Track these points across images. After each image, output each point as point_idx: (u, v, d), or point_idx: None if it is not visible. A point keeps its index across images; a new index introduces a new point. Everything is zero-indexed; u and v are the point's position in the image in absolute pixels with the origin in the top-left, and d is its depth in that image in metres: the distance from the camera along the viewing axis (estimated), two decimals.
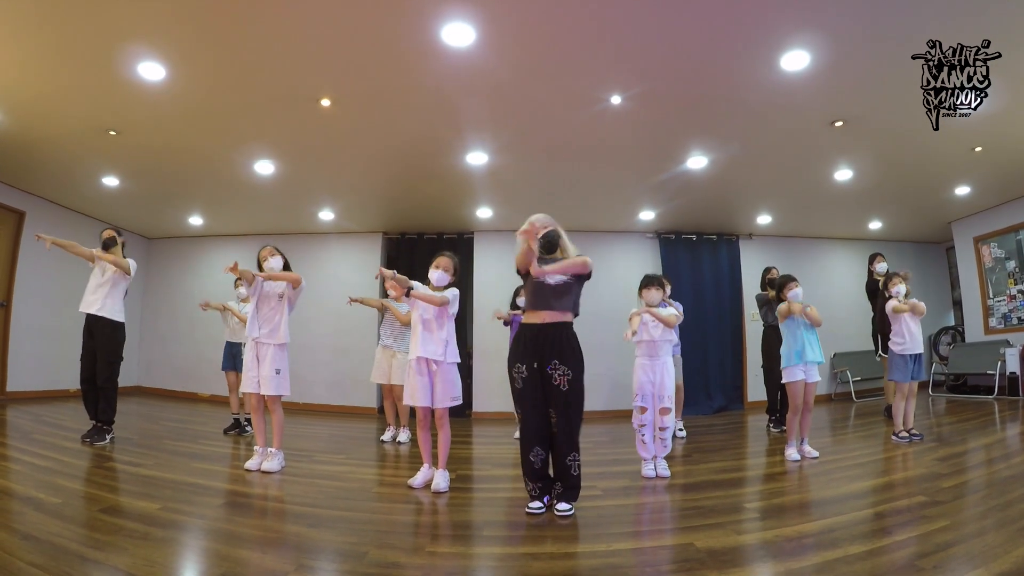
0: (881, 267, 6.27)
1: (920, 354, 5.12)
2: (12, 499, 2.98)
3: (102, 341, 4.84)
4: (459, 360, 3.76)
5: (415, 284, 3.63)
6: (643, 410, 4.08)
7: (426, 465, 3.74)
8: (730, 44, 4.16)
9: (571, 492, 3.11)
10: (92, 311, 4.85)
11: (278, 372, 4.12)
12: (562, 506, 3.02)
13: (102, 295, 4.87)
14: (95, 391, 4.85)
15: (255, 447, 4.17)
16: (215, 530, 2.73)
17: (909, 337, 5.07)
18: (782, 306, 4.66)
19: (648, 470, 3.99)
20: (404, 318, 5.33)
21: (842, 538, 2.51)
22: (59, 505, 2.90)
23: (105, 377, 4.84)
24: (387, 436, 5.70)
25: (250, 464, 4.06)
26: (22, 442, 4.55)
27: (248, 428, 5.69)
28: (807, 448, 4.56)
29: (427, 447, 3.77)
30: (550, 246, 3.10)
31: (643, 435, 4.09)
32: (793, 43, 4.09)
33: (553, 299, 3.15)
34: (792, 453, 4.46)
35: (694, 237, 9.10)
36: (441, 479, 3.59)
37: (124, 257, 5.01)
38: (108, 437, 4.77)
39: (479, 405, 8.35)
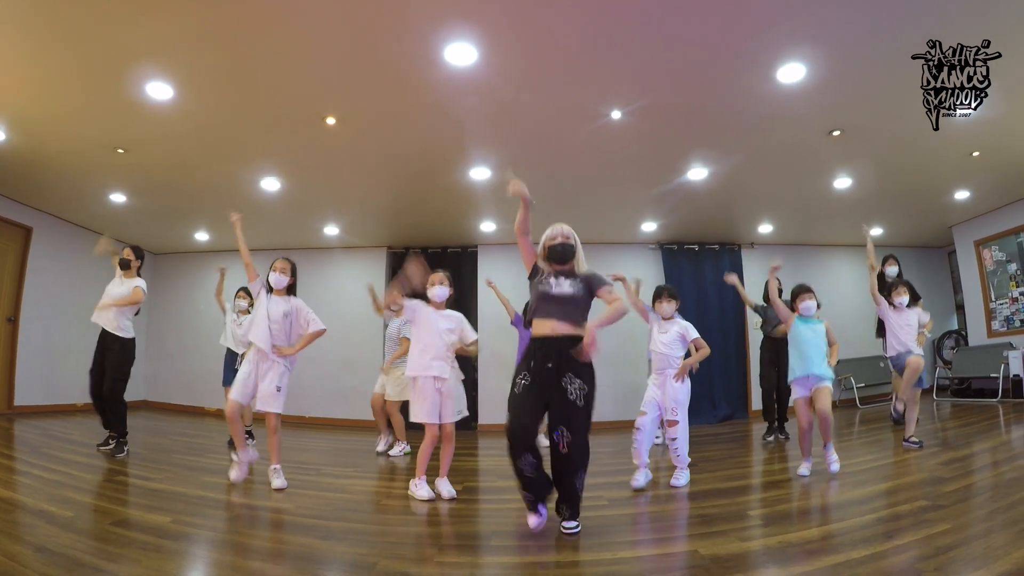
0: (891, 270, 5.97)
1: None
2: (24, 512, 3.01)
3: (111, 357, 4.90)
4: (463, 376, 3.84)
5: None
6: (642, 413, 4.05)
7: (423, 478, 3.73)
8: (727, 59, 4.24)
9: (575, 507, 2.98)
10: (105, 327, 4.94)
11: (279, 389, 4.01)
12: (569, 524, 2.92)
13: (116, 311, 4.94)
14: (103, 403, 4.91)
15: (233, 456, 4.05)
16: (226, 542, 2.77)
17: (892, 339, 5.06)
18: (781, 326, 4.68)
19: (636, 481, 3.90)
20: None
21: (845, 543, 2.54)
22: (71, 518, 2.93)
23: (109, 389, 4.89)
24: (381, 446, 5.71)
25: (233, 475, 3.98)
26: (32, 456, 4.60)
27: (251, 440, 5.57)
28: (831, 456, 4.15)
29: (427, 461, 3.77)
30: (563, 257, 3.13)
31: (635, 440, 4.02)
32: (788, 56, 4.17)
33: (558, 309, 3.02)
34: (802, 469, 4.16)
35: (696, 247, 9.16)
36: (445, 487, 3.74)
37: (139, 275, 5.12)
38: (125, 449, 4.84)
39: (484, 418, 8.38)
